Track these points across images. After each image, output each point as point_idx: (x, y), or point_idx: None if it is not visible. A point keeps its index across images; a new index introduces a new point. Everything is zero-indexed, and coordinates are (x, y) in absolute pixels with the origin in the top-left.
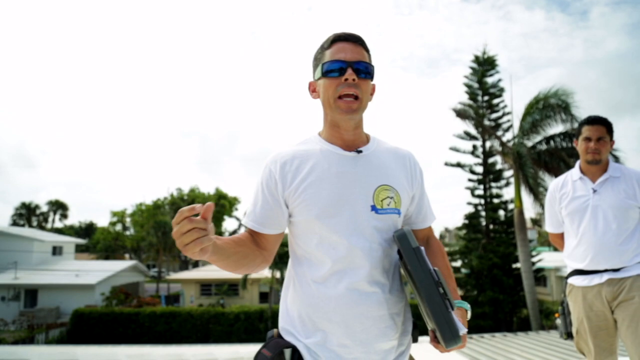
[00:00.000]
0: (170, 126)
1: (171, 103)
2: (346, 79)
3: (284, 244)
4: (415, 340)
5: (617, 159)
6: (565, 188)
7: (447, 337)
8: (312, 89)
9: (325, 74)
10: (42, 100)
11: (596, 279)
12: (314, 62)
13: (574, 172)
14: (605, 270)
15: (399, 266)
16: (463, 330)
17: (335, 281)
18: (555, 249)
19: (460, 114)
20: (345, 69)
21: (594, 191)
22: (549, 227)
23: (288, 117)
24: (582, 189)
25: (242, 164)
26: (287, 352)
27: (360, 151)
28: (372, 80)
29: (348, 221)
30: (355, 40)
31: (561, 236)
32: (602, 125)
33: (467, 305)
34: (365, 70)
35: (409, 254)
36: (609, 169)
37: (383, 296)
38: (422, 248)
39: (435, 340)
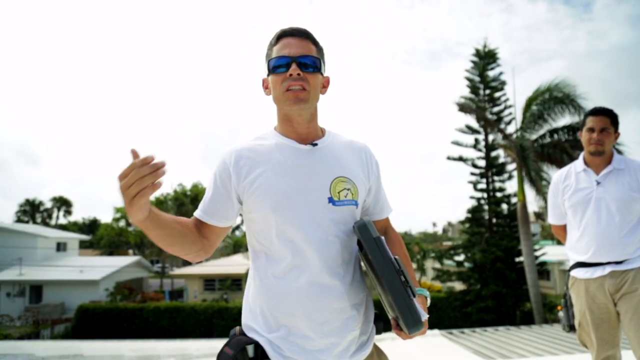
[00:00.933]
0: (173, 122)
1: (173, 99)
2: (291, 74)
3: None
4: (379, 330)
5: (619, 153)
6: (569, 180)
7: (410, 324)
8: (265, 86)
9: (272, 70)
10: (45, 96)
11: (599, 272)
12: (265, 59)
13: (578, 164)
14: (608, 263)
15: (359, 257)
16: (425, 316)
17: (295, 275)
18: (559, 243)
19: (464, 107)
20: (290, 64)
21: (598, 183)
22: (551, 218)
23: None
24: (586, 181)
25: None
26: (250, 349)
27: (316, 144)
28: (320, 73)
29: (304, 214)
30: (300, 34)
31: (564, 228)
32: (606, 116)
33: (427, 293)
34: (311, 65)
35: (369, 243)
36: (613, 161)
37: (343, 288)
38: (383, 237)
39: (397, 328)
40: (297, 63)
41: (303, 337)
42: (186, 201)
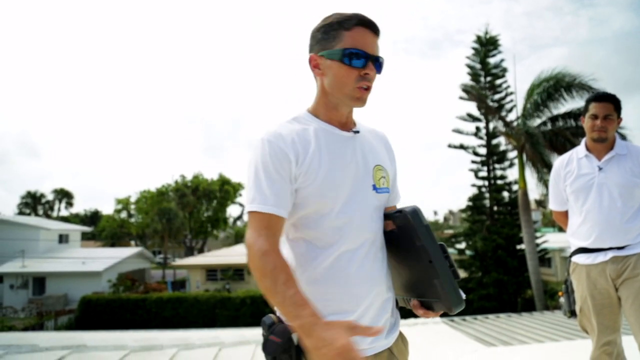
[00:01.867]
0: (174, 113)
1: (175, 90)
2: (366, 74)
3: None
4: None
5: (623, 137)
6: (570, 165)
7: (455, 302)
8: (315, 65)
9: (346, 59)
10: (46, 88)
11: (600, 257)
12: (323, 35)
13: (580, 150)
14: (610, 249)
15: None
16: (464, 295)
17: (343, 261)
18: (560, 230)
19: (469, 92)
20: (367, 62)
21: (600, 169)
22: (552, 204)
23: (292, 101)
24: (588, 167)
25: (247, 149)
26: (295, 336)
27: (358, 131)
28: None
29: (355, 201)
30: (377, 31)
31: (565, 214)
32: (609, 103)
33: None
34: (381, 67)
35: (421, 229)
36: (615, 147)
37: (382, 272)
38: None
39: (423, 308)
40: (373, 63)
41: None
42: (187, 192)
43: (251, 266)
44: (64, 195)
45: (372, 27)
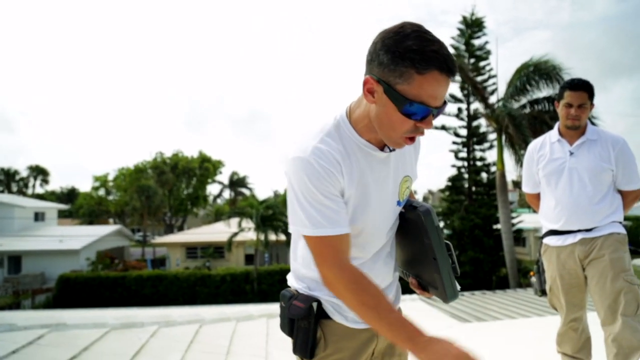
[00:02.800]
0: (156, 87)
1: (157, 63)
2: (422, 127)
3: (268, 207)
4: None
5: (593, 124)
6: (543, 150)
7: (451, 295)
8: (370, 89)
9: (406, 112)
10: (21, 59)
11: (570, 239)
12: (389, 63)
13: (553, 134)
14: (579, 231)
15: None
16: (459, 287)
17: (360, 267)
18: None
19: (461, 68)
20: (428, 116)
21: (571, 154)
22: (525, 187)
23: (277, 77)
24: (560, 151)
25: (230, 125)
26: (315, 305)
27: (393, 149)
28: None
29: (381, 220)
30: (453, 74)
31: (537, 197)
32: (584, 91)
33: None
34: (441, 112)
35: (432, 230)
36: (586, 132)
37: (391, 268)
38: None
39: (419, 288)
40: (434, 115)
41: None
42: (166, 169)
43: (344, 295)
44: (39, 172)
45: (448, 70)
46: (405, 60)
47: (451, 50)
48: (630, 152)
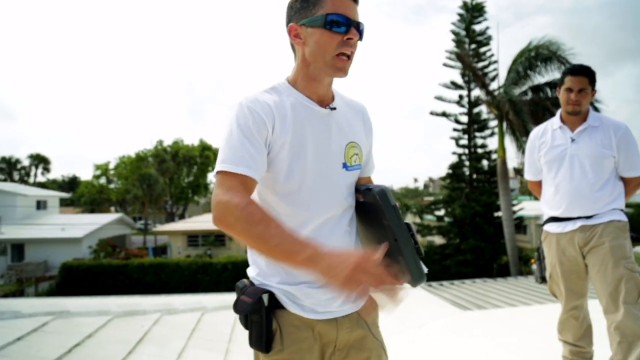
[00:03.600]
0: (156, 75)
1: (157, 51)
2: (349, 38)
3: None
4: None
5: (596, 110)
6: (545, 136)
7: (417, 277)
8: (295, 34)
9: (328, 26)
10: (23, 48)
11: (569, 226)
12: (302, 4)
13: (555, 121)
14: (579, 217)
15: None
16: (426, 269)
17: (316, 236)
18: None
19: (460, 55)
20: (349, 27)
21: (572, 140)
22: (527, 174)
23: (275, 64)
24: (561, 138)
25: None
26: (265, 297)
27: (334, 108)
28: None
29: (323, 179)
30: (356, 0)
31: (539, 184)
32: (584, 76)
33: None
34: (363, 33)
35: (389, 210)
36: (588, 119)
37: (352, 243)
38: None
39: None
40: (356, 29)
41: (316, 288)
42: (167, 157)
43: (231, 220)
44: (41, 161)
45: None
46: None
47: (451, 36)
48: (633, 139)
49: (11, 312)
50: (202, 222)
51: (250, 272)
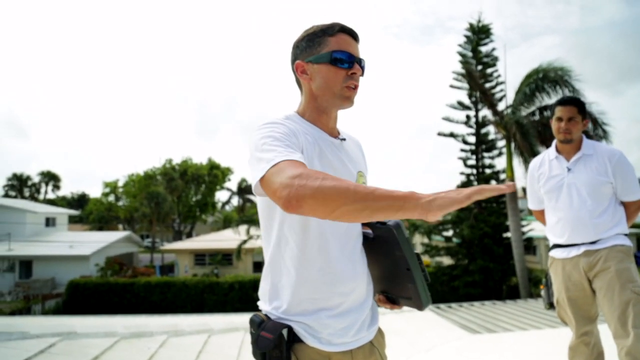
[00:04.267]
0: (167, 93)
1: (167, 69)
2: (353, 73)
3: None
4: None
5: (604, 132)
6: (543, 167)
7: (425, 302)
8: (302, 71)
9: (334, 62)
10: (33, 66)
11: (574, 251)
12: (307, 43)
13: (551, 152)
14: (583, 243)
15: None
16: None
17: (315, 262)
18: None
19: (471, 74)
20: (353, 63)
21: (569, 170)
22: (531, 204)
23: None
24: (558, 168)
25: (241, 131)
26: (285, 332)
27: (344, 139)
28: None
29: None
30: (357, 38)
31: (543, 212)
32: (573, 106)
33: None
34: (364, 68)
35: (404, 242)
36: (582, 147)
37: (358, 272)
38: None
39: (388, 302)
40: (359, 65)
41: (332, 318)
42: (175, 176)
43: (319, 197)
44: (51, 178)
45: (352, 34)
46: (317, 34)
47: (458, 57)
48: (628, 164)
49: (19, 333)
50: (210, 241)
51: (264, 306)
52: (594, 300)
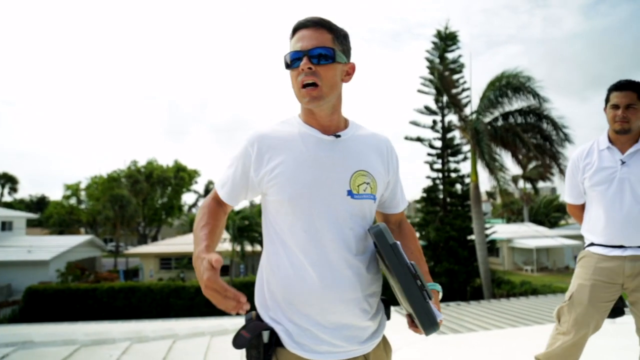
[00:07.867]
0: (134, 91)
1: (136, 67)
2: (302, 70)
3: (244, 218)
4: (388, 317)
5: (566, 135)
6: (590, 157)
7: (427, 326)
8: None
9: (287, 67)
10: None
11: (617, 251)
12: (284, 57)
13: (602, 141)
14: (630, 247)
15: (374, 250)
16: (440, 316)
17: (309, 264)
18: (508, 221)
19: (442, 77)
20: (301, 58)
21: (622, 163)
22: (568, 197)
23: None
24: (610, 160)
25: (211, 133)
26: (265, 334)
27: (339, 135)
28: (338, 62)
29: (321, 205)
30: (314, 24)
31: (581, 208)
32: (632, 91)
33: (439, 287)
34: (325, 55)
35: (386, 250)
36: None
37: (357, 279)
38: (399, 243)
39: (413, 326)
40: (308, 57)
41: (317, 325)
42: (140, 178)
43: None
44: (7, 180)
45: (305, 25)
46: (290, 40)
47: (425, 63)
48: None
49: None
50: (176, 245)
51: (256, 300)
52: (606, 312)
